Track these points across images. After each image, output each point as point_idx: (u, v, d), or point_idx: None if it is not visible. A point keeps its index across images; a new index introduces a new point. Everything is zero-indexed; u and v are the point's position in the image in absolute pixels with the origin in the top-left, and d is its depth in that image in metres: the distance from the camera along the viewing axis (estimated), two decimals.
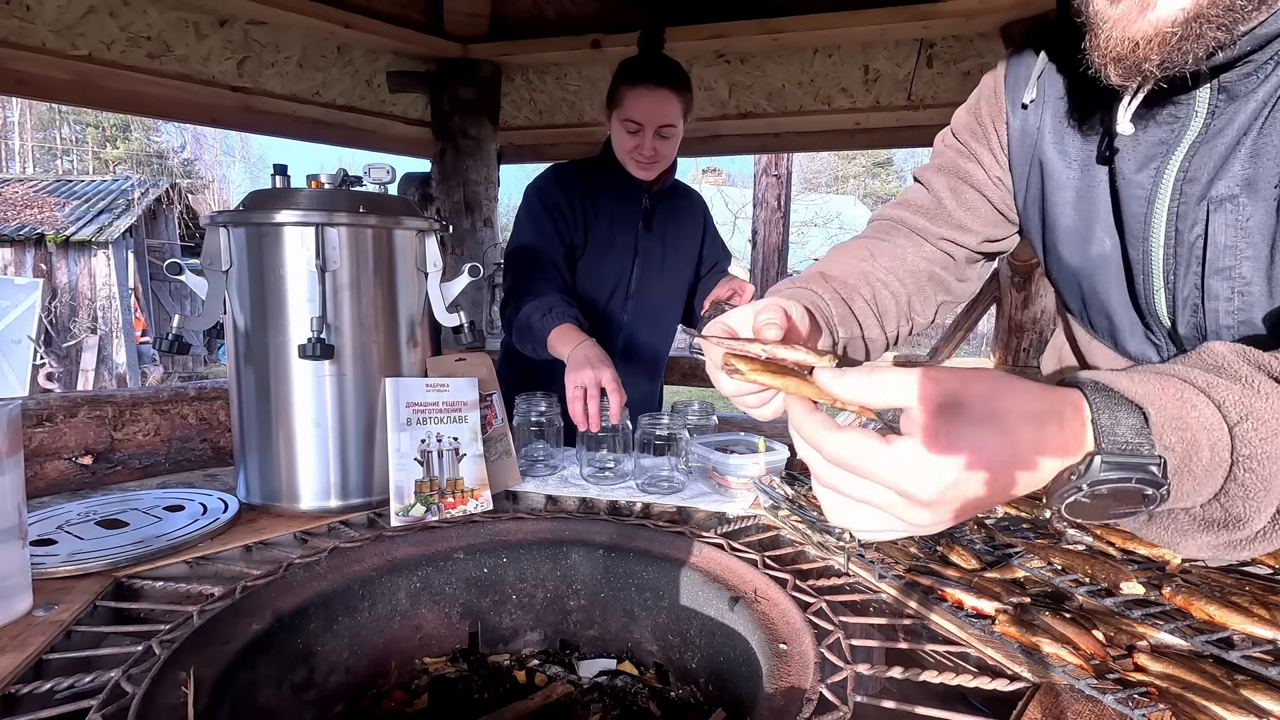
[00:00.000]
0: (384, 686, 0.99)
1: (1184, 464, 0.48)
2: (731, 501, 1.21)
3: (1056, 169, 0.82)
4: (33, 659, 0.72)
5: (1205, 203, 0.70)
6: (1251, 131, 0.66)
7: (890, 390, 0.49)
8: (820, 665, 0.70)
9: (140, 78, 2.84)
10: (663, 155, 1.77)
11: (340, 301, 1.14)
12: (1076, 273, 0.85)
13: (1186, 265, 0.73)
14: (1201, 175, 0.70)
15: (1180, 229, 0.72)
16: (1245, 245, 0.68)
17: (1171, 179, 0.71)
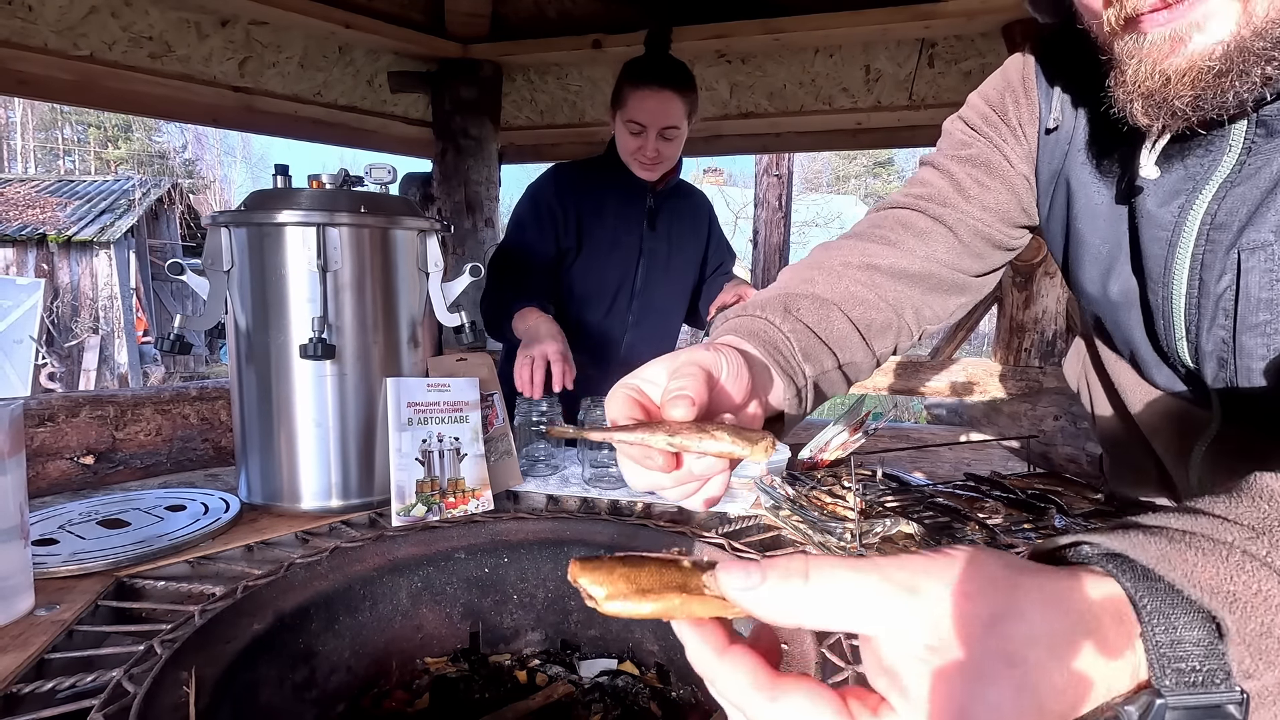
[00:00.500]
0: (385, 686, 0.99)
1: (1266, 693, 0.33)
2: (732, 501, 1.21)
3: (1088, 192, 0.73)
4: (34, 658, 0.72)
5: (1236, 250, 0.62)
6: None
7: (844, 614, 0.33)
8: (821, 665, 0.70)
9: (142, 78, 2.85)
10: (666, 156, 1.76)
11: (341, 301, 1.14)
12: (1097, 302, 0.78)
13: (1212, 318, 0.65)
14: (1233, 222, 0.61)
15: (1205, 279, 0.64)
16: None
17: (1197, 222, 0.64)
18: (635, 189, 1.85)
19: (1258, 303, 0.61)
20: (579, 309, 1.87)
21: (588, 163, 1.94)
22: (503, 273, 1.76)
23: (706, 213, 2.00)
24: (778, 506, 1.13)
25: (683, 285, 1.97)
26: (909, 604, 0.32)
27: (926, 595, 0.32)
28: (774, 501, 1.13)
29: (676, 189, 1.92)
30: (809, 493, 1.10)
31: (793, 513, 1.08)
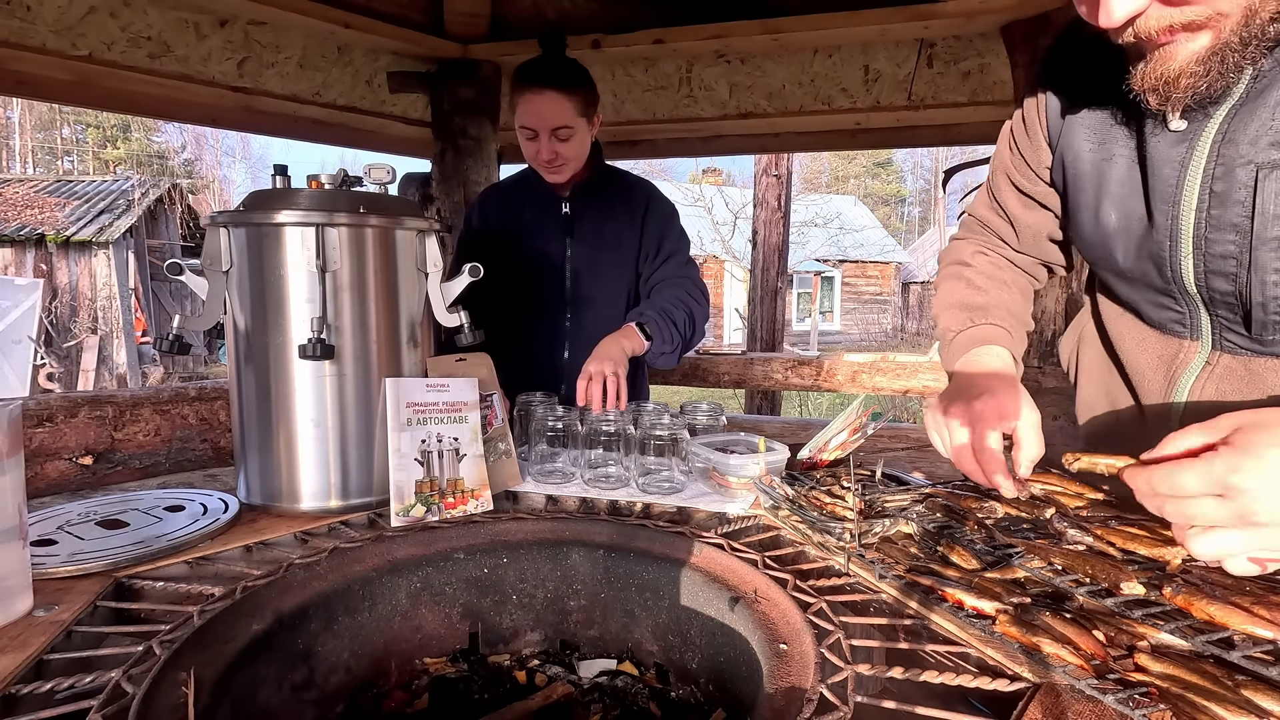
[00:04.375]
0: (384, 687, 0.99)
1: None
2: (732, 502, 1.21)
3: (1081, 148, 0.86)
4: (33, 659, 0.72)
5: (1253, 167, 0.68)
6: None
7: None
8: (820, 665, 0.70)
9: (140, 78, 2.84)
10: (566, 157, 1.72)
11: (340, 302, 1.14)
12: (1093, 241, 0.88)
13: (1220, 231, 0.72)
14: (1241, 137, 0.69)
15: (1216, 190, 0.72)
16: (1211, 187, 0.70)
17: (1209, 142, 0.72)
18: (550, 199, 1.83)
19: (1273, 218, 0.68)
20: (516, 326, 1.85)
21: (509, 181, 1.94)
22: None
23: (642, 200, 1.89)
24: (777, 506, 1.13)
25: (618, 284, 1.88)
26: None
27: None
28: (773, 501, 1.13)
29: (599, 186, 1.86)
30: (808, 493, 1.10)
31: (792, 513, 1.08)
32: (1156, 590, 0.73)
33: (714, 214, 16.69)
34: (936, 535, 0.93)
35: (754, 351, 4.89)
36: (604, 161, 1.91)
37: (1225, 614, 0.67)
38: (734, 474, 1.23)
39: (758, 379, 3.34)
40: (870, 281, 22.66)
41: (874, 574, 0.88)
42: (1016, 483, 0.84)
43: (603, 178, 1.88)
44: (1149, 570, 0.79)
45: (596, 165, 1.87)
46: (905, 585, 0.84)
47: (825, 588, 0.87)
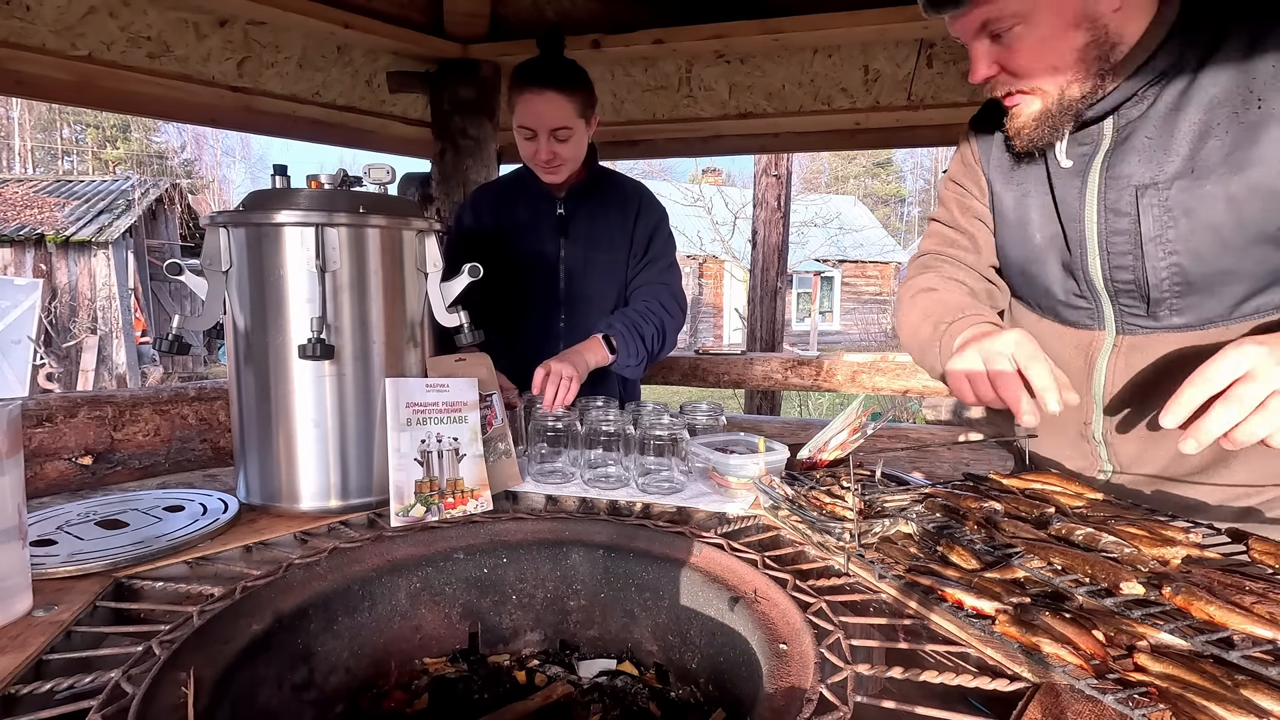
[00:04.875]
0: (384, 687, 0.99)
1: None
2: (731, 501, 1.21)
3: (999, 188, 1.14)
4: (33, 659, 0.72)
5: (1133, 188, 0.95)
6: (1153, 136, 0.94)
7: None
8: (820, 665, 0.70)
9: (140, 78, 2.84)
10: (564, 157, 1.73)
11: (340, 302, 1.14)
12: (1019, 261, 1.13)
13: (1116, 236, 0.98)
14: (1120, 169, 0.96)
15: (1109, 207, 0.98)
16: (1171, 216, 0.93)
17: (1098, 173, 0.98)
18: (545, 199, 1.83)
19: (1152, 223, 0.94)
20: (511, 325, 1.86)
21: (503, 180, 1.94)
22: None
23: (636, 201, 1.90)
24: (776, 506, 1.13)
25: (611, 284, 1.89)
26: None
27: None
28: (773, 501, 1.13)
29: (594, 186, 1.87)
30: (808, 493, 1.10)
31: (791, 513, 1.08)
32: (1156, 590, 0.73)
33: (714, 214, 16.69)
34: (936, 535, 0.93)
35: (754, 351, 4.89)
36: (599, 163, 1.92)
37: (1224, 614, 0.67)
38: (734, 474, 1.23)
39: (757, 379, 3.34)
40: (870, 281, 22.67)
41: (874, 574, 0.88)
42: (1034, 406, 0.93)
43: (597, 179, 1.89)
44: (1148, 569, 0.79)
45: (592, 166, 1.88)
46: (905, 585, 0.84)
47: (825, 588, 0.87)
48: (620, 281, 1.90)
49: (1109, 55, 0.92)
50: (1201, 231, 0.91)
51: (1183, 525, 0.91)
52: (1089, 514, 0.96)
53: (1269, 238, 0.88)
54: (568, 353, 1.62)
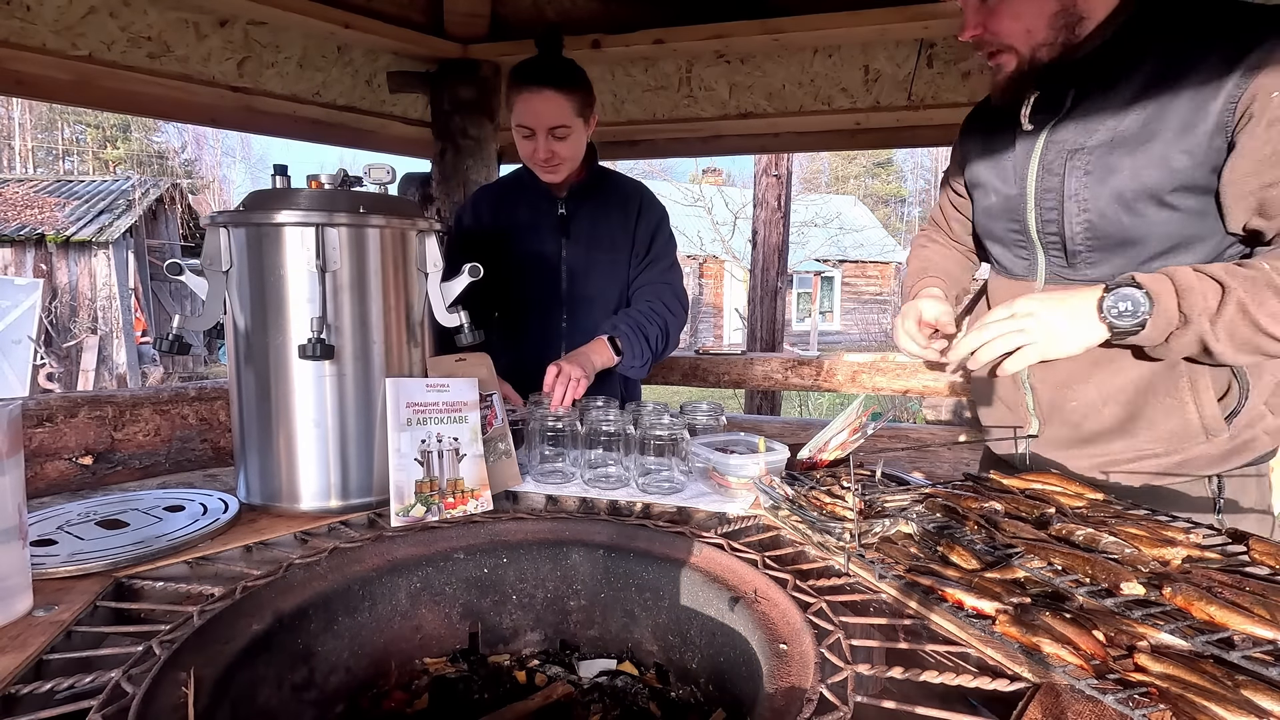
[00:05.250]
0: (384, 687, 0.99)
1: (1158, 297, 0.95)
2: (731, 501, 1.21)
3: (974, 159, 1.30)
4: (33, 659, 0.72)
5: (1065, 152, 1.10)
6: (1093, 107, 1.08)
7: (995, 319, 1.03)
8: (820, 665, 0.70)
9: (140, 78, 2.84)
10: (562, 156, 1.72)
11: (340, 302, 1.14)
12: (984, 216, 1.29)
13: (1047, 194, 1.14)
14: (1060, 135, 1.11)
15: (1045, 168, 1.13)
16: (1089, 178, 1.08)
17: (1044, 137, 1.13)
18: (546, 200, 1.83)
19: (1072, 183, 1.10)
20: (512, 325, 1.86)
21: (504, 180, 1.94)
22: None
23: (637, 202, 1.90)
24: (777, 506, 1.13)
25: (612, 284, 1.88)
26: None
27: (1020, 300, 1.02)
28: (773, 501, 1.13)
29: (595, 185, 1.86)
30: (808, 493, 1.10)
31: (792, 513, 1.08)
32: (1156, 590, 0.73)
33: (714, 214, 16.69)
34: (936, 535, 0.93)
35: (754, 351, 4.89)
36: (599, 162, 1.92)
37: (1225, 614, 0.67)
38: (734, 474, 1.23)
39: (758, 379, 3.34)
40: (870, 281, 22.65)
41: (874, 574, 0.88)
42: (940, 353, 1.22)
43: (598, 179, 1.88)
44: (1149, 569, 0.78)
45: (592, 166, 1.87)
46: (905, 585, 0.84)
47: (825, 588, 0.87)
48: (622, 281, 1.90)
49: (1075, 27, 1.07)
50: (1109, 193, 1.06)
51: (1182, 525, 0.91)
52: (1089, 514, 0.96)
53: (1162, 202, 1.02)
54: (576, 354, 1.63)
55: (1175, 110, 0.99)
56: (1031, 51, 1.08)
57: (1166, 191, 1.01)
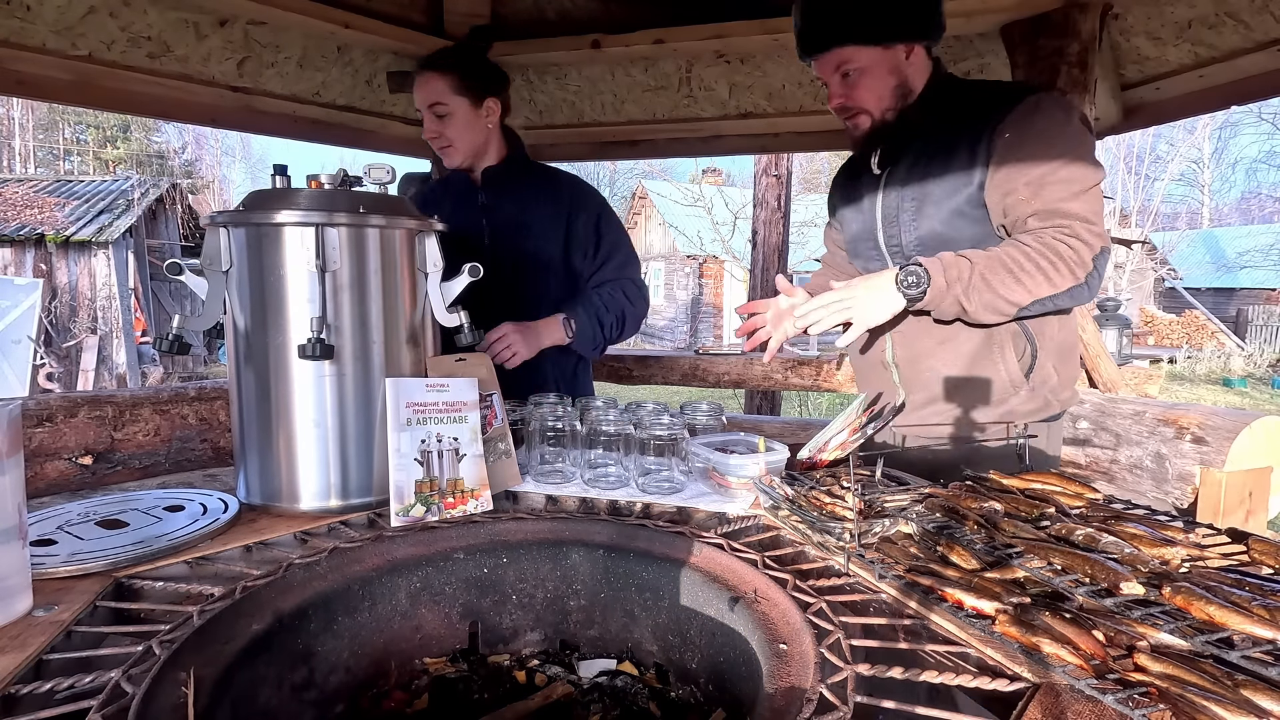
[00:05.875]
0: (384, 687, 0.99)
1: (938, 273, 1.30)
2: (731, 501, 1.21)
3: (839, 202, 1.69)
4: (33, 659, 0.72)
5: (899, 194, 1.46)
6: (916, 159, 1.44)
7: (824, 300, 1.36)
8: (820, 665, 0.70)
9: (140, 78, 2.84)
10: (449, 138, 1.77)
11: (340, 302, 1.14)
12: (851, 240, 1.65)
13: (890, 224, 1.50)
14: (895, 178, 1.48)
15: (886, 202, 1.50)
16: (914, 204, 1.44)
17: (885, 179, 1.50)
18: (467, 192, 1.86)
19: (907, 215, 1.46)
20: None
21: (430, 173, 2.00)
22: None
23: (568, 194, 1.89)
24: (777, 506, 1.13)
25: (539, 272, 1.85)
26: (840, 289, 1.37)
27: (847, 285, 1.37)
28: (773, 501, 1.13)
29: (514, 174, 1.86)
30: (808, 493, 1.10)
31: (791, 513, 1.08)
32: (1156, 590, 0.73)
33: (714, 214, 16.68)
34: (936, 535, 0.93)
35: (754, 351, 4.89)
36: (525, 154, 1.94)
37: (1224, 614, 0.67)
38: (734, 474, 1.23)
39: (758, 379, 3.34)
40: None
41: (874, 574, 0.88)
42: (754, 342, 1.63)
43: (517, 167, 1.89)
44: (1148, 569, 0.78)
45: (511, 155, 1.88)
46: (905, 585, 0.84)
47: (825, 588, 0.87)
48: (552, 271, 1.87)
49: (907, 97, 1.44)
50: (929, 217, 1.43)
51: (1181, 525, 0.91)
52: (1089, 514, 0.96)
53: (964, 215, 1.39)
54: (526, 327, 1.72)
55: (959, 152, 1.38)
56: (881, 115, 1.45)
57: (963, 207, 1.39)
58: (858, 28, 1.38)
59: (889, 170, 1.49)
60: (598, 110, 3.75)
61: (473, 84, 1.77)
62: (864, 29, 1.38)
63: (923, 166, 1.42)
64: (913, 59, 1.43)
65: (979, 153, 1.34)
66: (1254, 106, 19.62)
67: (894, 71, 1.42)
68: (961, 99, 1.43)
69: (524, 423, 1.45)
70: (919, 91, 1.44)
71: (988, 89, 1.46)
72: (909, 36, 1.40)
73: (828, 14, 1.39)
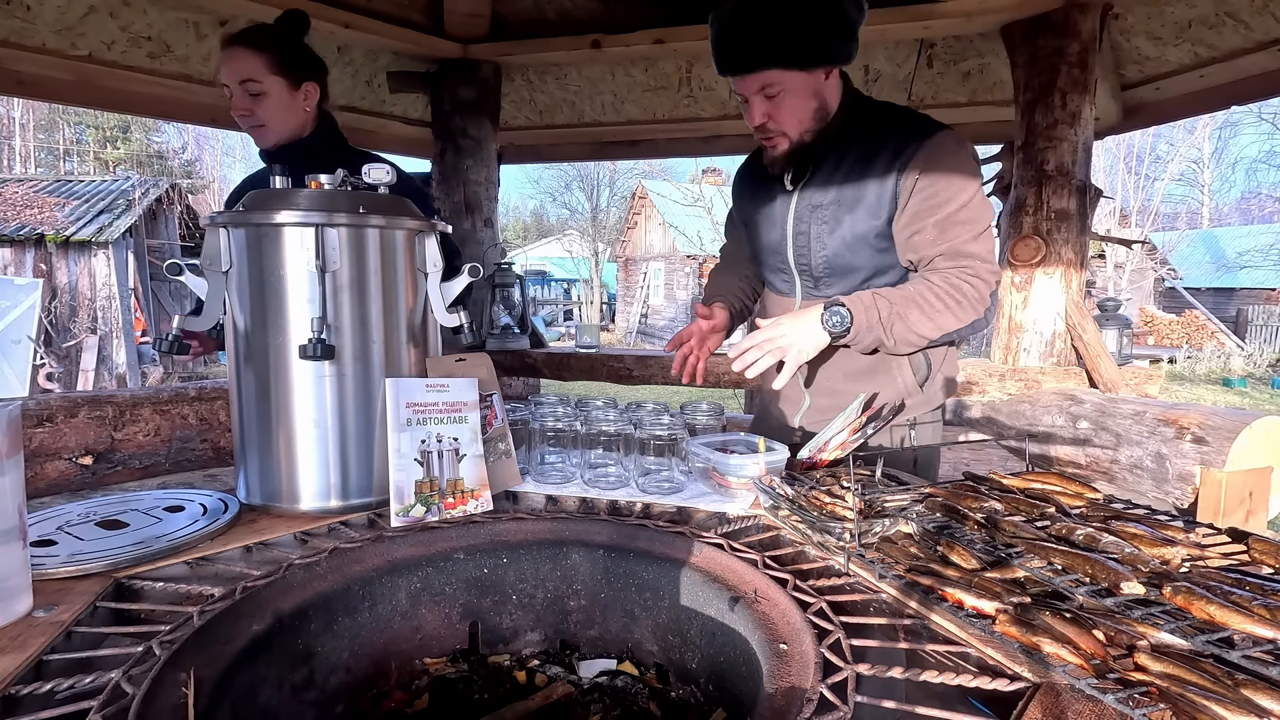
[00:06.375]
0: (384, 687, 0.99)
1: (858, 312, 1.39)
2: (731, 501, 1.21)
3: (749, 211, 1.68)
4: (33, 660, 0.72)
5: (810, 207, 1.51)
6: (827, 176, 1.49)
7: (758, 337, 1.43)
8: (820, 665, 0.70)
9: (140, 78, 2.84)
10: (262, 117, 1.70)
11: (340, 302, 1.14)
12: (760, 252, 1.68)
13: (799, 236, 1.54)
14: (807, 194, 1.51)
15: (797, 217, 1.54)
16: (825, 227, 1.50)
17: (797, 195, 1.53)
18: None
19: (817, 229, 1.51)
20: None
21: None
22: None
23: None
24: (777, 506, 1.13)
25: None
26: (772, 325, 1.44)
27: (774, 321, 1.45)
28: (773, 501, 1.13)
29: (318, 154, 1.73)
30: (808, 493, 1.10)
31: (792, 513, 1.08)
32: (1156, 590, 0.73)
33: (714, 214, 16.68)
34: (936, 535, 0.93)
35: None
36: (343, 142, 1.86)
37: (1225, 613, 0.67)
38: (734, 474, 1.23)
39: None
40: None
41: (874, 574, 0.88)
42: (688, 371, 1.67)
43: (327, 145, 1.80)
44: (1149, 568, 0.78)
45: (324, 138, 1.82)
46: (905, 585, 0.84)
47: (825, 587, 0.87)
48: None
49: (824, 118, 1.48)
50: (837, 238, 1.49)
51: (1182, 525, 0.91)
52: (1089, 514, 0.96)
53: (870, 244, 1.47)
54: None
55: (870, 184, 1.44)
56: (800, 136, 1.47)
57: (871, 237, 1.47)
58: (785, 52, 1.39)
59: (801, 188, 1.52)
60: (598, 110, 3.75)
61: (290, 66, 1.71)
62: (791, 53, 1.39)
63: (835, 190, 1.48)
64: (830, 80, 1.46)
65: (887, 189, 1.42)
66: (1254, 106, 19.64)
67: (815, 94, 1.45)
68: (873, 125, 1.47)
69: (524, 423, 1.45)
70: (834, 111, 1.47)
71: (897, 117, 1.49)
72: (831, 61, 1.43)
73: (755, 35, 1.39)
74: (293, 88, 1.73)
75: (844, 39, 1.42)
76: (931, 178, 1.39)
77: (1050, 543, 0.86)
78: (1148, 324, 17.90)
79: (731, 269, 1.83)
